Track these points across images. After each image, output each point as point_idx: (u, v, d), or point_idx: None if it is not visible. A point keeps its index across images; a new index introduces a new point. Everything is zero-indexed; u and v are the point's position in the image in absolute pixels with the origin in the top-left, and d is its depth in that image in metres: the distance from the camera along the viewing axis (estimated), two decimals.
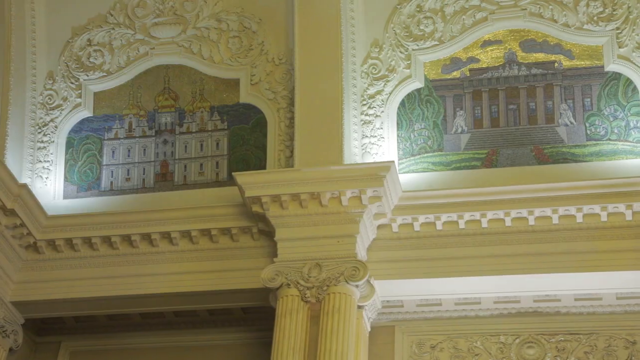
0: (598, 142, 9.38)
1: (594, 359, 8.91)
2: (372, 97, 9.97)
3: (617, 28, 9.64)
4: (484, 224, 9.06)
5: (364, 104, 9.96)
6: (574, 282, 8.95)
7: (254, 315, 9.79)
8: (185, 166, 10.28)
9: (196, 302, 9.66)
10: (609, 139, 9.36)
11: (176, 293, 9.53)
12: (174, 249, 9.68)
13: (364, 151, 9.74)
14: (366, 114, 9.91)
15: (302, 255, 9.00)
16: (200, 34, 10.62)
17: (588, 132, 9.45)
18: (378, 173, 9.01)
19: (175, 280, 9.53)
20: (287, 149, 9.91)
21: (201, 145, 10.32)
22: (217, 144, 10.28)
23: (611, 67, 9.58)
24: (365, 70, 10.05)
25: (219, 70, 10.50)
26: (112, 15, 10.89)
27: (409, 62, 10.02)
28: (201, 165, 10.24)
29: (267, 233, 9.41)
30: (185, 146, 10.38)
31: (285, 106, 10.09)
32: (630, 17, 9.62)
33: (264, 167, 9.95)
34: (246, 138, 10.21)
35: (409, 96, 9.96)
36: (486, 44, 9.96)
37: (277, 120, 10.09)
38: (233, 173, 9.47)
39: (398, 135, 9.83)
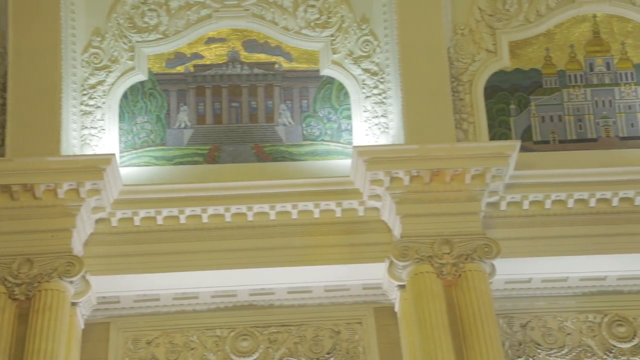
0: (313, 142, 9.26)
1: (302, 349, 8.75)
2: (93, 87, 9.22)
3: (332, 35, 9.60)
4: (205, 219, 8.67)
5: (84, 94, 9.18)
6: (288, 276, 8.73)
7: None
8: None
9: None
10: (323, 140, 9.28)
11: None
12: None
13: (83, 143, 8.98)
14: (86, 104, 9.15)
15: (12, 250, 8.12)
16: None
17: (304, 132, 9.32)
18: (97, 165, 8.34)
19: None
20: None
21: None
22: None
23: (326, 71, 9.52)
24: (86, 59, 9.30)
25: None
26: None
27: (132, 53, 9.39)
28: None
29: None
30: None
31: None
32: (343, 25, 9.60)
33: None
34: None
35: (132, 88, 9.34)
36: (210, 41, 9.57)
37: None
38: None
39: (120, 128, 9.18)
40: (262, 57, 9.46)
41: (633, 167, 8.79)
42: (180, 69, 9.38)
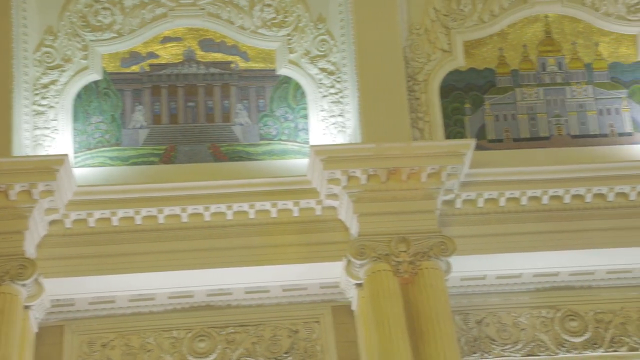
0: (270, 141, 9.14)
1: (260, 349, 8.63)
2: (45, 86, 8.98)
3: (288, 34, 9.49)
4: (161, 220, 8.49)
5: (37, 94, 8.95)
6: (245, 276, 8.60)
7: None
8: None
9: None
10: (280, 139, 9.16)
11: None
12: None
13: (35, 143, 8.74)
14: (39, 104, 8.91)
15: None
16: None
17: (261, 132, 9.19)
18: (51, 166, 8.12)
19: None
20: None
21: None
22: None
23: (283, 71, 9.40)
24: (39, 58, 9.05)
25: None
26: None
27: (86, 52, 9.17)
28: None
29: None
30: None
31: None
32: (300, 25, 9.51)
33: None
34: None
35: (86, 88, 9.12)
36: (166, 40, 9.40)
37: None
38: None
39: (74, 128, 8.96)
40: (219, 56, 9.31)
41: (584, 164, 8.84)
42: (135, 68, 9.19)
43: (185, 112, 9.14)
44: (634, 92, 9.47)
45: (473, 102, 9.38)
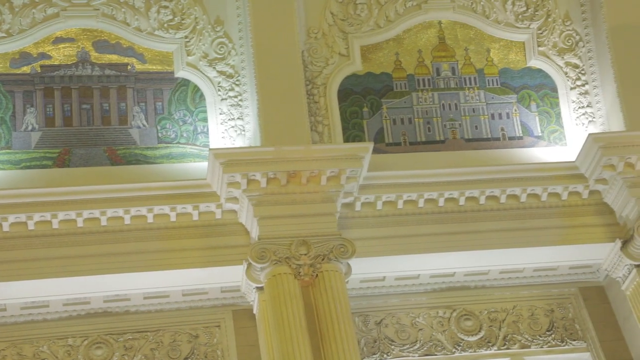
0: (169, 145, 9.06)
1: (159, 354, 8.55)
2: None
3: (186, 37, 9.44)
4: (55, 225, 8.29)
5: None
6: (144, 281, 8.51)
7: None
8: None
9: None
10: (179, 142, 9.10)
11: None
12: None
13: None
14: None
15: None
16: None
17: (159, 135, 9.10)
18: None
19: None
20: None
21: None
22: None
23: (181, 73, 9.34)
24: None
25: None
26: None
27: None
28: None
29: None
30: None
31: None
32: (198, 27, 9.47)
33: None
34: None
35: None
36: (58, 40, 9.19)
37: None
38: None
39: None
40: (114, 58, 9.17)
41: (477, 167, 9.10)
42: (26, 69, 8.93)
43: (80, 114, 8.94)
44: (522, 97, 9.87)
45: (371, 106, 9.56)
